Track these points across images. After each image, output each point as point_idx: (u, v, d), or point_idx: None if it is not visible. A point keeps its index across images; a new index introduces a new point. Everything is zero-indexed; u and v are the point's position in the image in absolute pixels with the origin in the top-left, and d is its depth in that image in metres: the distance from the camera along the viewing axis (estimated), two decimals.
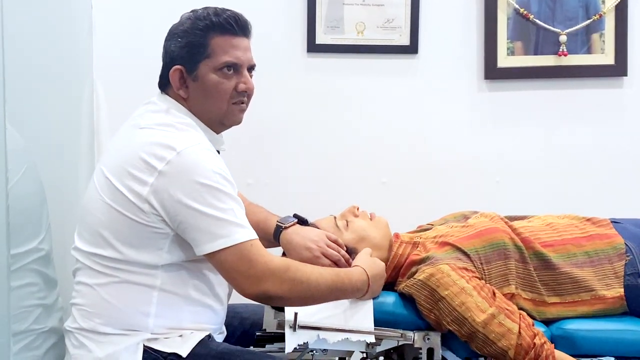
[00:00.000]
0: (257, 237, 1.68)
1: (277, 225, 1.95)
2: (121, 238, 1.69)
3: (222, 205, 1.64)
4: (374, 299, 1.85)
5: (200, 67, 1.75)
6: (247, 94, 1.80)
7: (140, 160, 1.66)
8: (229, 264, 1.65)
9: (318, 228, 1.96)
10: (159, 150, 1.66)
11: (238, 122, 1.83)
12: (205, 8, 1.79)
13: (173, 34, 1.79)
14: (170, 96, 1.79)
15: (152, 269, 1.70)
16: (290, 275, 1.67)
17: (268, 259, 1.66)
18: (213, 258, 1.66)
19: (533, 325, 1.79)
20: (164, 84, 1.81)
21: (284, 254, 1.96)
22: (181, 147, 1.66)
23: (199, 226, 1.64)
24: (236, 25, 1.77)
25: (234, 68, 1.77)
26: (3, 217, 1.49)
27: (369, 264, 1.84)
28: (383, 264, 1.89)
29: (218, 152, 1.80)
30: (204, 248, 1.65)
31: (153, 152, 1.66)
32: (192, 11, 1.81)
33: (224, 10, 1.78)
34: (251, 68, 1.82)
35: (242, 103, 1.81)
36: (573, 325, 1.87)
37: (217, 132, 1.83)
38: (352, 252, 1.93)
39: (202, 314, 1.77)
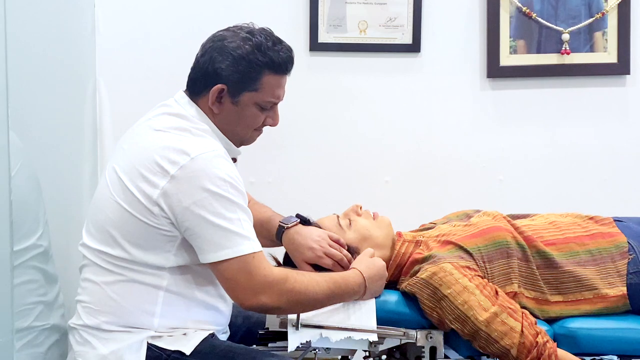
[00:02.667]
0: (260, 249, 1.68)
1: (279, 225, 1.94)
2: (129, 238, 1.69)
3: (229, 214, 1.64)
4: (376, 297, 1.86)
5: (245, 95, 1.75)
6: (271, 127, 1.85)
7: (153, 163, 1.66)
8: (228, 275, 1.66)
9: (320, 227, 1.96)
10: (173, 155, 1.66)
11: (251, 143, 1.87)
12: (263, 36, 1.74)
13: (227, 53, 1.73)
14: (197, 104, 1.77)
15: (159, 270, 1.70)
16: (288, 287, 1.68)
17: (267, 272, 1.66)
18: (214, 267, 1.67)
19: (536, 323, 1.79)
20: (197, 91, 1.77)
21: (286, 254, 1.96)
22: (195, 153, 1.65)
23: (204, 234, 1.64)
24: (288, 68, 1.78)
25: (271, 106, 1.80)
26: (6, 214, 1.50)
27: (366, 265, 1.84)
28: (382, 263, 1.89)
29: (234, 159, 1.81)
30: (207, 257, 1.66)
31: (167, 156, 1.66)
32: (249, 31, 1.75)
33: (281, 46, 1.76)
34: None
35: (262, 131, 1.85)
36: (576, 324, 1.87)
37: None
38: (354, 251, 1.92)
39: (208, 315, 1.77)
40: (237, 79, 1.73)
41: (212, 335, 1.76)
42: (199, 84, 1.77)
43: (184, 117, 1.75)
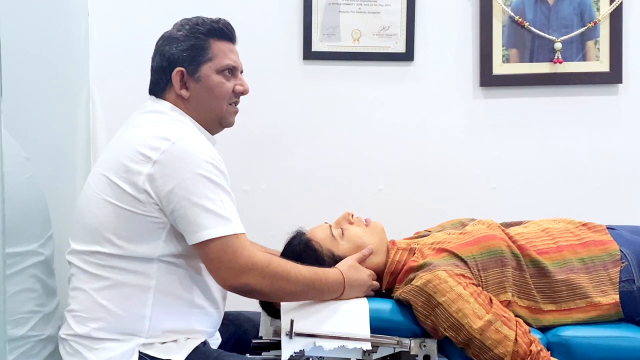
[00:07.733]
0: (243, 231, 1.71)
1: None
2: (118, 231, 1.70)
3: (212, 195, 1.67)
4: (370, 304, 1.85)
5: (203, 68, 1.83)
6: (243, 95, 1.90)
7: (136, 152, 1.69)
8: (212, 255, 1.67)
9: (317, 241, 1.95)
10: (154, 142, 1.69)
11: (232, 123, 1.92)
12: (198, 17, 1.88)
13: (172, 39, 1.85)
14: (165, 100, 1.84)
15: (147, 264, 1.70)
16: (271, 270, 1.70)
17: (252, 252, 1.69)
18: (198, 248, 1.69)
19: (529, 332, 1.79)
20: (160, 89, 1.86)
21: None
22: (176, 138, 1.70)
23: (187, 216, 1.66)
24: (231, 33, 1.88)
25: (232, 71, 1.86)
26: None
27: (348, 266, 1.86)
28: (366, 271, 1.90)
29: None
30: (190, 238, 1.68)
31: (148, 144, 1.69)
32: (184, 19, 1.89)
33: (218, 19, 1.88)
34: (241, 72, 1.92)
35: (237, 104, 1.91)
36: (569, 332, 1.87)
37: (212, 133, 1.89)
38: None
39: (197, 316, 1.77)
40: (189, 55, 1.82)
41: (204, 343, 1.75)
42: (161, 80, 1.85)
43: (160, 112, 1.82)
